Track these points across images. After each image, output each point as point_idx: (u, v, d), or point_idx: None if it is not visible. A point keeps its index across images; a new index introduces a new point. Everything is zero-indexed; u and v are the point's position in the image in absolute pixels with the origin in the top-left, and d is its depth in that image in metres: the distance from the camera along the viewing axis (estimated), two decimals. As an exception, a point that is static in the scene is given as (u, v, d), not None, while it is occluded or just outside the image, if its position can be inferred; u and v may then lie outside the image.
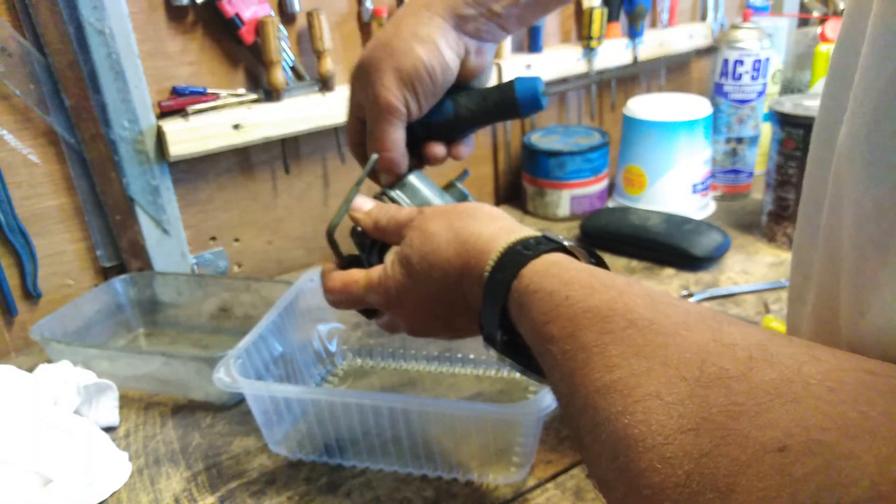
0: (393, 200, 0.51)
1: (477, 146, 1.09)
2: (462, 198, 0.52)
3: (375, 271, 0.46)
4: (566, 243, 0.37)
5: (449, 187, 0.53)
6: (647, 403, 0.24)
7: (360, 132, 0.53)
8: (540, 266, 0.35)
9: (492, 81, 0.54)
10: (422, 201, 0.51)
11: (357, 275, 0.48)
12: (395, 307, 0.46)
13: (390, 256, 0.46)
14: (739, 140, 1.03)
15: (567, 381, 0.29)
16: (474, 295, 0.39)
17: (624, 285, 0.31)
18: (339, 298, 0.49)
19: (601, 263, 0.39)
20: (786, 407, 0.21)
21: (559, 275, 0.34)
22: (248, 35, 0.81)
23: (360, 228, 0.50)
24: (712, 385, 0.23)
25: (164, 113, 0.81)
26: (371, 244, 0.50)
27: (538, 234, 0.38)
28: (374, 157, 0.50)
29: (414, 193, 0.51)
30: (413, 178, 0.52)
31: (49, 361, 0.68)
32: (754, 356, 0.23)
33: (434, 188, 0.52)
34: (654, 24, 1.17)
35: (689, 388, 0.24)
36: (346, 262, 0.51)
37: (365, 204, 0.49)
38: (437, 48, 0.48)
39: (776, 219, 0.90)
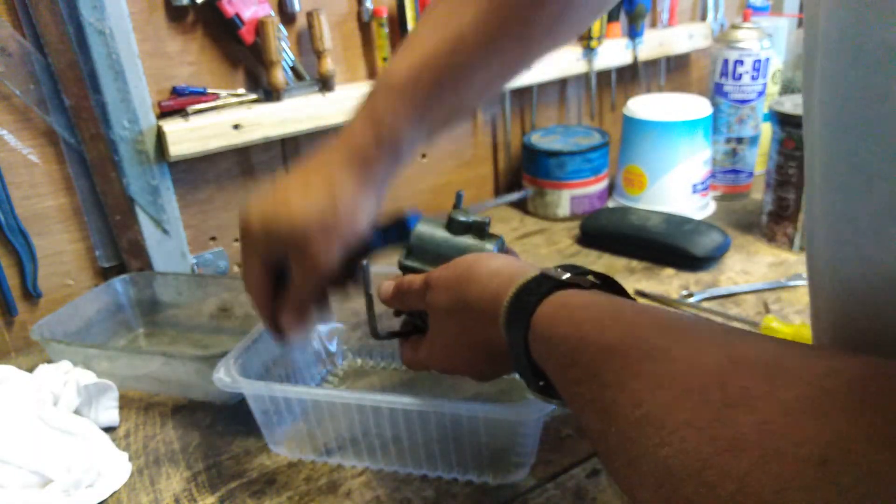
0: (410, 269, 0.52)
1: (477, 146, 1.09)
2: (467, 228, 0.52)
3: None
4: (564, 278, 0.38)
5: (452, 224, 0.53)
6: (681, 433, 0.25)
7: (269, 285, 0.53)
8: (548, 311, 0.36)
9: None
10: (434, 255, 0.51)
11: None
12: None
13: None
14: (739, 140, 1.03)
15: (599, 418, 0.30)
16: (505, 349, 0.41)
17: (632, 315, 0.32)
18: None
19: (604, 279, 0.40)
20: (818, 421, 0.22)
21: (568, 318, 0.35)
22: (248, 35, 0.81)
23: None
24: (737, 405, 0.24)
25: (164, 113, 0.81)
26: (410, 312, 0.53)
27: (537, 272, 0.39)
28: (364, 263, 0.52)
29: (424, 252, 0.52)
30: (416, 239, 0.52)
31: (49, 361, 0.68)
32: (773, 374, 0.24)
33: (439, 232, 0.52)
34: (654, 24, 1.17)
35: (715, 411, 0.24)
36: (406, 328, 0.55)
37: (388, 290, 0.52)
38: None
39: (776, 219, 0.90)
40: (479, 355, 0.45)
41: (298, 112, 0.86)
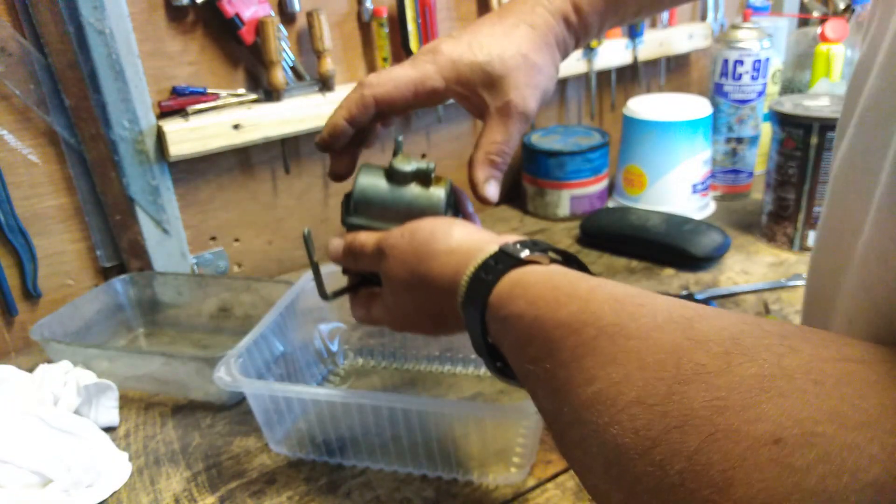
0: (356, 227, 0.50)
1: (477, 146, 1.09)
2: (412, 178, 0.49)
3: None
4: (523, 255, 0.37)
5: (395, 174, 0.49)
6: (630, 411, 0.24)
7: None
8: (504, 289, 0.35)
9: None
10: (381, 209, 0.49)
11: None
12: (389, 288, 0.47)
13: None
14: (739, 140, 1.03)
15: (551, 398, 0.30)
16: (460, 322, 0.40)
17: (587, 292, 0.31)
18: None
19: (565, 255, 0.39)
20: (773, 401, 0.21)
21: (523, 295, 0.34)
22: (248, 35, 0.81)
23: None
24: (691, 381, 0.23)
25: (164, 113, 0.81)
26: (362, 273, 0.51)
27: (496, 249, 0.38)
28: (306, 231, 0.51)
29: (369, 206, 0.49)
30: (359, 194, 0.49)
31: (49, 361, 0.68)
32: (730, 351, 0.23)
33: (382, 184, 0.49)
34: (654, 24, 1.17)
35: (667, 387, 0.24)
36: (359, 283, 0.53)
37: (337, 249, 0.49)
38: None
39: (776, 219, 0.90)
40: (435, 323, 0.44)
41: (298, 112, 0.86)
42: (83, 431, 0.59)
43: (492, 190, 0.49)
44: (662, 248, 0.88)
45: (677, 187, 0.99)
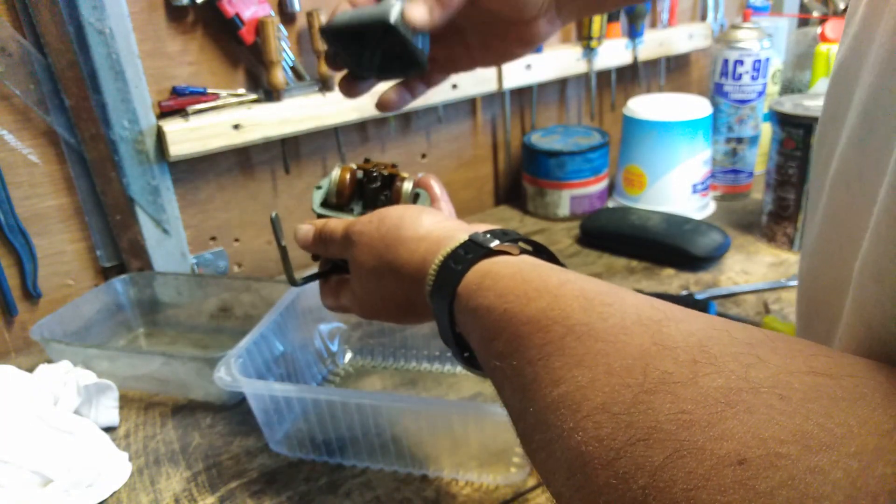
0: (325, 217, 0.50)
1: (477, 146, 1.09)
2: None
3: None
4: (492, 245, 0.36)
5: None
6: (596, 418, 0.24)
7: None
8: (473, 280, 0.35)
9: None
10: (348, 18, 0.47)
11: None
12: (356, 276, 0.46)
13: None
14: (739, 140, 1.03)
15: (518, 396, 0.29)
16: (429, 309, 0.39)
17: (556, 287, 0.31)
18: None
19: (536, 246, 0.39)
20: (738, 417, 0.20)
21: (493, 287, 0.33)
22: (248, 35, 0.81)
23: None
24: (657, 391, 0.23)
25: (164, 113, 0.81)
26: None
27: (466, 238, 0.38)
28: (273, 214, 0.51)
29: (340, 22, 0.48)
30: (338, 15, 0.47)
31: (49, 361, 0.68)
32: (698, 359, 0.23)
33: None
34: (654, 24, 1.17)
35: (633, 395, 0.23)
36: (329, 270, 0.52)
37: (307, 235, 0.50)
38: None
39: (776, 219, 0.90)
40: (403, 311, 0.44)
41: (298, 112, 0.86)
42: (83, 431, 0.59)
43: (417, 10, 0.44)
44: (662, 248, 0.88)
45: (677, 187, 0.99)
